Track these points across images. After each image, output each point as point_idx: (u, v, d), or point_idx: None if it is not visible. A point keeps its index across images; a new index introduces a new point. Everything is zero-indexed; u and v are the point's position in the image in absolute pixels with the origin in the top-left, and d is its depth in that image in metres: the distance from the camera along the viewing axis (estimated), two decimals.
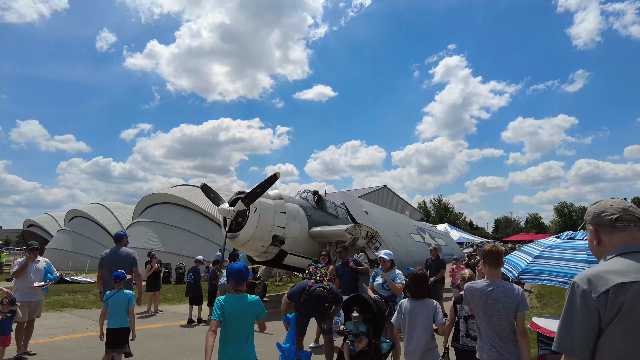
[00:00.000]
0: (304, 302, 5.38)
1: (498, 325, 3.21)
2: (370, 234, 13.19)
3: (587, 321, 1.62)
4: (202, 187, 12.97)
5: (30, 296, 6.62)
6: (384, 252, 6.13)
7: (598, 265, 1.76)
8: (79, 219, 32.75)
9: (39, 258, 7.00)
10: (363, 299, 5.34)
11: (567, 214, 75.96)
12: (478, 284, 3.39)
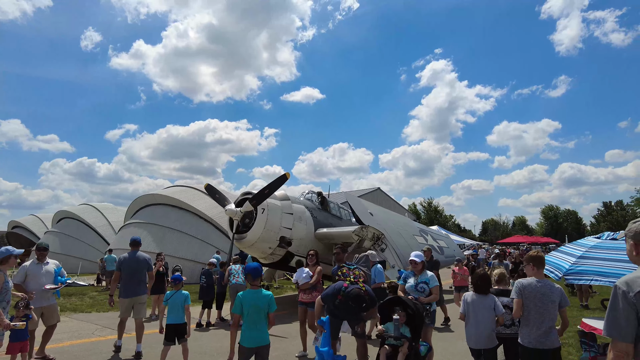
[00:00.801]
0: (339, 303, 5.24)
1: (545, 313, 3.98)
2: (376, 235, 13.09)
3: (627, 314, 2.12)
4: (207, 187, 12.67)
5: (42, 301, 6.25)
6: (414, 254, 6.00)
7: (635, 271, 2.25)
8: (68, 220, 31.93)
9: (48, 260, 6.64)
10: (401, 301, 5.24)
11: (553, 217, 77.20)
12: (528, 281, 4.15)
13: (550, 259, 5.20)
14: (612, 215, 68.75)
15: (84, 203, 35.58)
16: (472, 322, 4.66)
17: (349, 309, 5.22)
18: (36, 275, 6.25)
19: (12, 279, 6.42)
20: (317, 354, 5.11)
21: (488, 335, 4.59)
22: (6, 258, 5.37)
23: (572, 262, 4.67)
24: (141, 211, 25.47)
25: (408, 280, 5.90)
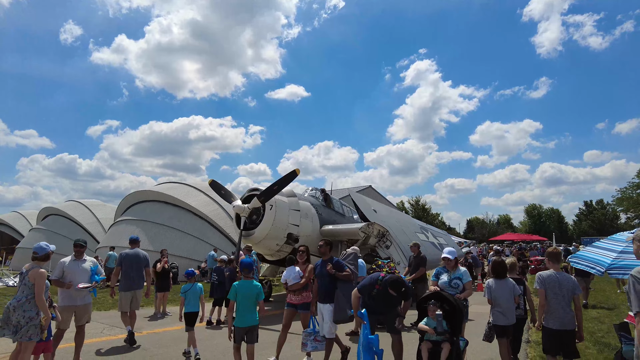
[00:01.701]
0: (376, 293, 5.21)
1: (563, 300, 4.64)
2: (381, 232, 13.08)
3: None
4: (211, 183, 12.44)
5: (76, 300, 6.03)
6: (447, 251, 5.95)
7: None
8: (54, 217, 31.08)
9: (85, 257, 6.40)
10: (442, 296, 5.21)
11: (537, 215, 78.75)
12: (548, 273, 4.84)
13: (588, 255, 5.27)
14: (594, 214, 70.50)
15: (71, 200, 34.70)
16: (497, 304, 5.32)
17: (387, 298, 5.19)
18: (73, 273, 6.02)
19: (52, 272, 6.27)
20: (364, 342, 5.02)
21: (510, 313, 5.30)
22: (48, 254, 5.19)
23: (614, 257, 4.73)
24: (133, 208, 24.96)
25: (441, 276, 5.86)
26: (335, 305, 5.90)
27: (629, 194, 43.81)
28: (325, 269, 6.08)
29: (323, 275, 6.09)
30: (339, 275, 6.02)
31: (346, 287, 6.01)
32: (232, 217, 21.60)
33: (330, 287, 6.03)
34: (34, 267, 5.03)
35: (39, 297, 4.89)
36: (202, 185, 25.67)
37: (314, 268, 6.37)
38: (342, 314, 5.82)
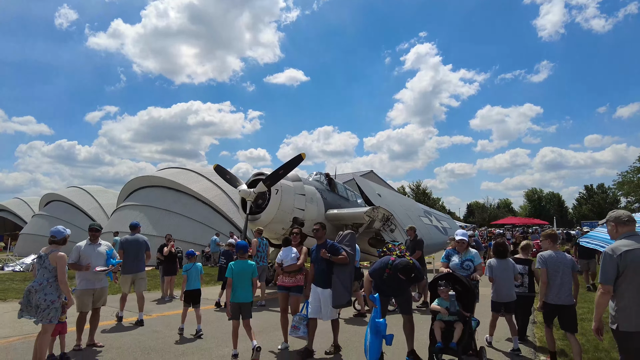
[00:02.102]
0: (387, 277, 5.23)
1: (564, 277, 5.02)
2: (385, 216, 13.12)
3: (612, 268, 3.44)
4: (216, 168, 12.43)
5: (94, 283, 6.10)
6: (461, 234, 5.94)
7: (617, 242, 3.58)
8: (56, 203, 31.17)
9: (100, 241, 6.44)
10: (455, 276, 5.26)
11: (537, 200, 78.93)
12: (548, 253, 5.17)
13: (599, 235, 5.36)
14: (594, 199, 70.61)
15: (72, 186, 34.69)
16: (497, 282, 5.87)
17: (398, 282, 5.22)
18: (89, 256, 6.07)
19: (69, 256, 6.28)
20: (372, 326, 5.08)
21: (509, 291, 5.89)
22: (65, 238, 5.24)
23: None
24: (135, 193, 24.97)
25: (452, 258, 5.88)
26: (333, 290, 5.72)
27: (630, 177, 43.82)
28: (320, 253, 5.88)
29: (319, 260, 5.89)
30: (334, 259, 5.79)
31: (343, 271, 5.83)
32: (236, 202, 21.85)
33: (327, 272, 5.83)
34: (53, 251, 5.08)
35: (62, 280, 4.97)
36: (204, 170, 25.66)
37: (310, 253, 6.20)
38: (340, 299, 5.67)
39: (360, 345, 5.98)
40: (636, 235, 3.58)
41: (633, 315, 3.37)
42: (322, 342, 6.18)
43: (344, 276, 5.78)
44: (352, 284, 6.08)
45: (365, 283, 5.60)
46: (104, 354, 5.72)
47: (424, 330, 6.30)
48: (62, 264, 5.01)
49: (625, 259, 3.41)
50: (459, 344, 4.84)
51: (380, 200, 14.40)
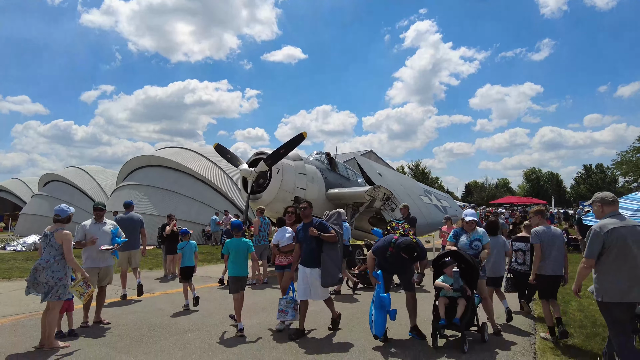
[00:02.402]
0: (390, 256, 5.27)
1: (556, 250, 5.36)
2: (386, 195, 13.14)
3: (597, 243, 3.77)
4: (216, 147, 12.36)
5: (100, 261, 6.14)
6: (470, 214, 5.87)
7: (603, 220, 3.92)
8: (55, 183, 31.12)
9: (105, 220, 6.46)
10: (459, 254, 5.29)
11: (535, 179, 79.12)
12: (541, 228, 5.48)
13: None
14: (592, 178, 70.86)
15: (71, 166, 34.63)
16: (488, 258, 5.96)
17: (401, 260, 5.26)
18: (94, 236, 6.09)
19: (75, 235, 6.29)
20: (377, 301, 5.15)
21: (499, 266, 6.24)
22: (69, 217, 5.26)
23: (629, 215, 4.78)
24: (135, 173, 24.95)
25: (460, 237, 5.83)
26: (323, 269, 5.58)
27: (629, 157, 43.79)
28: (309, 233, 5.67)
29: (308, 239, 5.70)
30: (324, 236, 5.58)
31: (332, 250, 5.68)
32: (236, 182, 21.86)
33: (316, 251, 5.65)
34: (58, 229, 5.11)
35: (69, 257, 5.02)
36: (203, 150, 25.57)
37: (297, 232, 6.03)
38: (330, 278, 5.56)
39: (364, 322, 6.08)
40: (619, 214, 3.97)
41: (614, 289, 3.73)
42: (313, 323, 6.27)
43: (334, 254, 5.66)
44: (341, 262, 6.03)
45: (368, 260, 5.65)
46: (111, 331, 5.81)
47: (426, 307, 6.41)
48: (68, 242, 5.05)
49: (611, 235, 3.75)
50: (462, 320, 4.92)
51: (381, 179, 14.41)
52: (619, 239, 3.73)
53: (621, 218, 3.91)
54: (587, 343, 5.27)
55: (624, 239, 3.73)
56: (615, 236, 3.74)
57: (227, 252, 6.02)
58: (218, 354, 4.84)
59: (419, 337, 5.39)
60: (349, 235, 9.17)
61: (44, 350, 4.89)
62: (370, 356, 4.79)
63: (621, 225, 3.81)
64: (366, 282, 9.06)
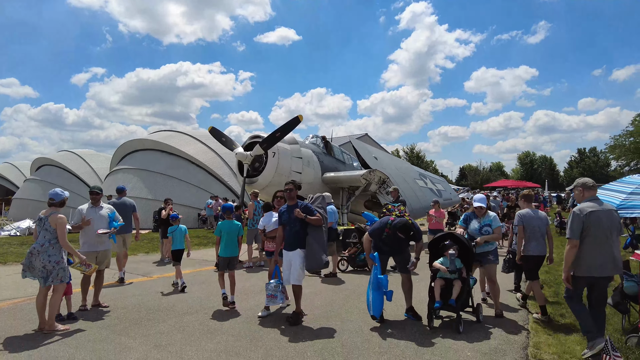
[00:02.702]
0: (386, 237, 5.33)
1: (539, 232, 5.56)
2: (382, 179, 13.18)
3: (578, 225, 4.09)
4: (211, 130, 12.27)
5: (97, 246, 6.13)
6: (478, 200, 5.79)
7: (583, 203, 4.27)
8: (48, 167, 30.84)
9: (102, 204, 6.42)
10: (455, 236, 5.35)
11: (529, 163, 79.60)
12: (526, 211, 5.71)
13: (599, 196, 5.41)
14: (585, 162, 71.43)
15: (63, 150, 34.27)
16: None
17: (397, 241, 5.33)
18: (91, 219, 6.06)
19: (70, 218, 6.32)
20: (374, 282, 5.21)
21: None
22: (63, 200, 5.23)
23: (623, 198, 4.86)
24: (128, 157, 24.76)
25: (471, 222, 5.80)
26: (309, 252, 5.46)
27: (622, 141, 44.08)
28: (293, 215, 5.50)
29: (292, 222, 5.53)
30: (309, 219, 5.41)
31: (317, 233, 5.53)
32: (230, 166, 21.78)
33: (300, 234, 5.50)
34: (53, 213, 5.10)
35: (63, 241, 5.02)
36: (197, 133, 25.37)
37: (280, 215, 5.78)
38: (315, 261, 5.42)
39: (360, 303, 6.17)
40: (597, 199, 4.35)
41: (585, 264, 4.17)
42: (310, 304, 6.33)
43: (319, 238, 5.52)
44: (326, 246, 5.81)
45: (365, 242, 5.69)
46: (110, 314, 5.84)
47: (421, 289, 6.51)
48: (62, 225, 5.03)
49: (589, 218, 4.14)
50: (457, 301, 5.01)
51: (376, 163, 14.43)
52: (596, 221, 4.12)
53: (599, 202, 4.28)
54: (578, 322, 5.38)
55: (600, 221, 4.13)
56: (593, 218, 4.13)
57: (219, 234, 6.35)
58: (217, 336, 4.90)
59: (414, 318, 5.49)
60: (335, 218, 9.27)
61: (43, 332, 4.92)
62: (367, 336, 4.87)
63: (599, 209, 4.19)
64: (356, 265, 9.21)
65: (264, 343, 4.66)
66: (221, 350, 4.45)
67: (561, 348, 4.50)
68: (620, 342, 4.51)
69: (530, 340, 4.79)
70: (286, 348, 4.51)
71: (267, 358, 4.23)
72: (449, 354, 4.34)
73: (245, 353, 4.36)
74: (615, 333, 4.92)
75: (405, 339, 4.81)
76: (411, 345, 4.59)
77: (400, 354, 4.33)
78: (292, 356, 4.29)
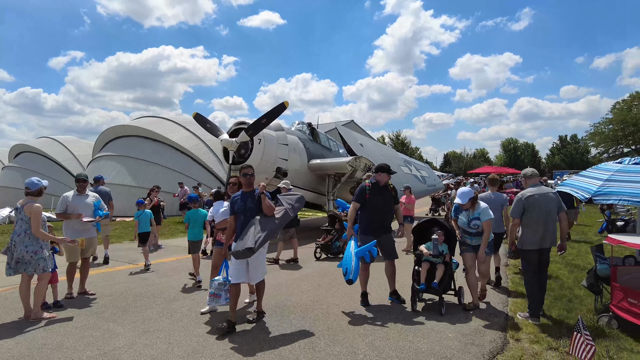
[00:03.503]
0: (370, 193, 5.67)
1: (498, 212, 6.09)
2: (367, 166, 13.27)
3: (519, 207, 5.02)
4: (196, 116, 12.14)
5: (82, 233, 6.07)
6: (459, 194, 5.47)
7: (527, 189, 5.14)
8: (27, 154, 30.12)
9: (88, 192, 6.35)
10: (438, 222, 5.50)
11: (512, 149, 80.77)
12: (485, 194, 6.45)
13: (576, 183, 5.62)
14: (566, 149, 72.76)
15: (43, 136, 33.41)
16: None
17: (382, 198, 5.63)
18: (76, 207, 6.00)
19: (56, 208, 6.26)
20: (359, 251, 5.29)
21: None
22: (40, 190, 5.15)
23: (600, 184, 5.02)
24: (111, 143, 24.34)
25: (459, 215, 5.59)
26: (243, 234, 4.70)
27: (601, 129, 45.04)
28: (249, 203, 4.86)
29: (248, 210, 4.87)
30: (264, 205, 4.80)
31: (267, 223, 4.77)
32: (215, 152, 21.61)
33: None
34: (28, 202, 5.05)
35: (37, 231, 4.97)
36: (181, 119, 25.03)
37: (232, 203, 5.03)
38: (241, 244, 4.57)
39: (344, 287, 6.30)
40: (538, 185, 5.16)
41: (531, 239, 4.94)
42: (297, 286, 6.44)
43: (267, 226, 4.71)
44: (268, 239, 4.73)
45: (350, 212, 5.75)
46: (97, 301, 5.86)
47: (404, 273, 6.68)
48: (37, 215, 4.97)
49: (528, 200, 5.00)
50: (440, 284, 5.17)
51: (362, 150, 14.52)
52: (533, 203, 4.96)
53: (538, 188, 5.09)
54: (554, 304, 5.61)
55: (538, 202, 4.94)
56: (531, 201, 4.97)
57: (187, 221, 7.32)
58: (205, 321, 4.97)
59: (398, 301, 5.65)
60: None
61: (29, 321, 4.92)
62: (353, 319, 5.01)
63: (536, 193, 5.01)
64: (331, 252, 9.27)
65: (251, 327, 4.76)
66: (209, 335, 4.53)
67: (537, 328, 4.71)
68: (592, 321, 4.74)
69: (509, 322, 4.98)
70: (273, 332, 4.61)
71: (255, 341, 4.33)
72: (431, 335, 4.51)
73: (232, 337, 4.45)
74: (588, 313, 5.17)
75: (390, 321, 4.97)
76: (395, 327, 4.74)
77: (384, 336, 4.48)
78: (280, 339, 4.40)
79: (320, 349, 4.12)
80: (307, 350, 4.11)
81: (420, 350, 4.09)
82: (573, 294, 6.09)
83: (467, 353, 4.02)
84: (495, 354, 4.03)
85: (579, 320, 3.37)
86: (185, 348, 4.15)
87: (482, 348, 4.14)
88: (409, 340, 4.36)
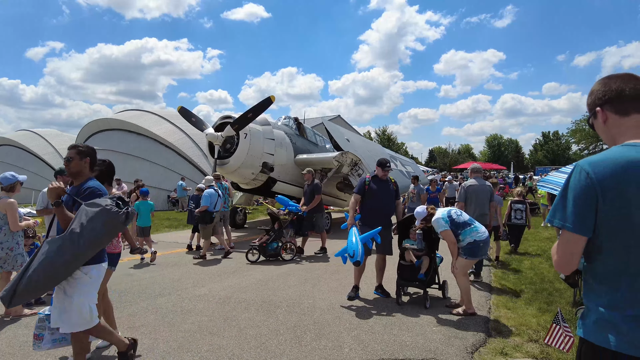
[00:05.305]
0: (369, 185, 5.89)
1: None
2: (354, 161, 13.31)
3: (463, 195, 6.71)
4: (180, 110, 12.00)
5: None
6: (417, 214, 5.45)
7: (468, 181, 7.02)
8: (6, 147, 29.35)
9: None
10: None
11: (497, 145, 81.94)
12: (470, 182, 6.76)
13: (554, 179, 5.92)
14: (549, 145, 74.12)
15: (23, 129, 32.61)
16: None
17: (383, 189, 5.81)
18: None
19: (36, 205, 6.14)
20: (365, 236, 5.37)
21: None
22: (14, 185, 5.01)
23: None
24: (94, 137, 23.88)
25: None
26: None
27: (582, 126, 46.07)
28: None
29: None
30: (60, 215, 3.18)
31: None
32: (200, 146, 21.40)
33: None
34: (2, 198, 4.92)
35: (15, 226, 4.87)
36: (166, 113, 24.70)
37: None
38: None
39: (330, 282, 6.35)
40: (479, 178, 6.71)
41: None
42: (286, 272, 6.46)
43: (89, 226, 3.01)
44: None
45: (351, 203, 5.91)
46: None
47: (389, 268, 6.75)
48: (12, 211, 4.85)
49: (468, 190, 6.53)
50: (426, 275, 5.25)
51: (348, 145, 14.53)
52: (472, 192, 6.51)
53: (479, 180, 6.66)
54: (535, 297, 5.76)
55: (476, 191, 6.50)
56: (471, 190, 6.52)
57: (137, 210, 8.25)
58: (190, 317, 4.95)
59: (383, 295, 5.72)
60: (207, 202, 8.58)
61: (10, 318, 4.83)
62: (338, 314, 5.05)
63: (476, 184, 6.56)
64: (267, 254, 8.34)
65: (237, 323, 4.75)
66: (195, 330, 4.51)
67: (519, 321, 4.82)
68: (571, 313, 4.87)
69: (492, 314, 5.09)
70: (259, 327, 4.62)
71: (241, 336, 4.33)
72: (415, 328, 4.57)
73: (219, 332, 4.44)
74: (567, 306, 5.31)
75: (375, 315, 5.02)
76: (380, 321, 4.80)
77: (370, 329, 4.53)
78: (266, 334, 4.40)
79: (307, 343, 4.15)
80: (294, 344, 4.13)
81: (405, 344, 4.15)
82: (553, 287, 6.25)
83: (450, 346, 4.10)
84: (478, 347, 4.11)
85: (558, 313, 3.46)
86: (171, 344, 4.13)
87: (465, 341, 4.22)
88: (394, 333, 4.42)
